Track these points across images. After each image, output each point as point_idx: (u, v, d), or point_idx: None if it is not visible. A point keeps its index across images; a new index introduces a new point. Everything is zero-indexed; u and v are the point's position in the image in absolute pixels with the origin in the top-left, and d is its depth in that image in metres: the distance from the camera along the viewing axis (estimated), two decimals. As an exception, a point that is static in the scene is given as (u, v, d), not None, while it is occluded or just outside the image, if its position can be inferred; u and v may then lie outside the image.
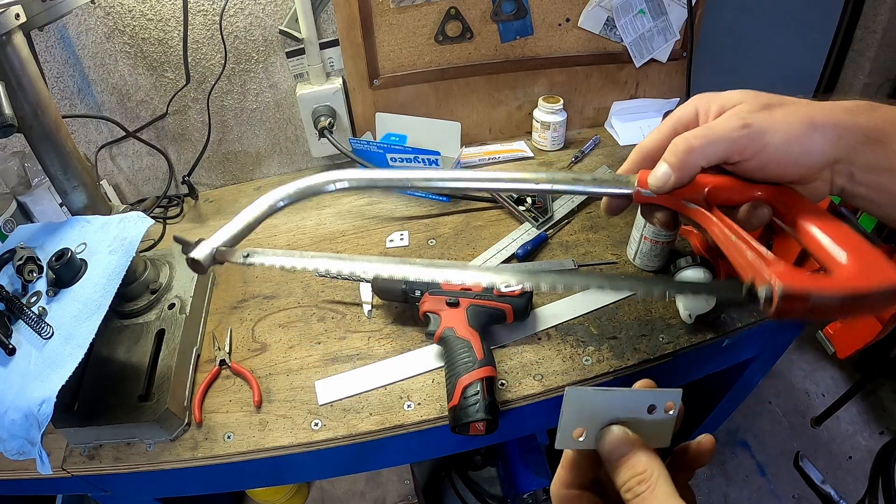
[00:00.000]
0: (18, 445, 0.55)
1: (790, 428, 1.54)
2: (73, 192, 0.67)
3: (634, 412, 0.32)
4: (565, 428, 0.31)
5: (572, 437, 0.32)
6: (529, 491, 1.16)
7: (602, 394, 0.31)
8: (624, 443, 0.31)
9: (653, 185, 0.34)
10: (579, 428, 0.32)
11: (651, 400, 0.31)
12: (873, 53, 1.22)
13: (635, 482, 0.30)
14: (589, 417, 0.32)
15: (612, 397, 0.31)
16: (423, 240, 0.88)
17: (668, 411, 0.32)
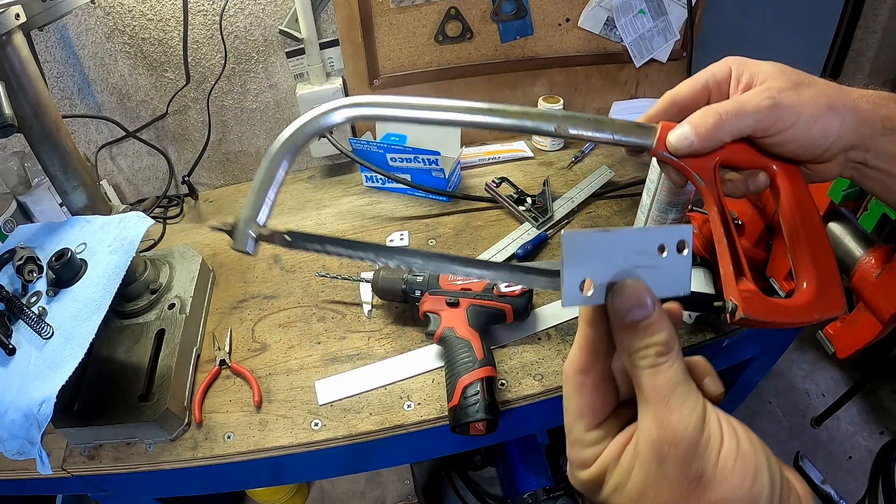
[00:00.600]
0: (18, 445, 0.55)
1: (790, 428, 1.54)
2: (73, 192, 0.67)
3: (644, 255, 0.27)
4: (570, 279, 0.26)
5: (579, 292, 0.27)
6: (529, 491, 1.16)
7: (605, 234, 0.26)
8: (642, 301, 0.27)
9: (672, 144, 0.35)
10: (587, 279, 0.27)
11: (660, 239, 0.27)
12: (873, 53, 1.22)
13: (653, 352, 0.27)
14: (594, 265, 0.27)
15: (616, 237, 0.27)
16: (423, 240, 0.88)
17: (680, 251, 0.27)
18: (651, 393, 0.27)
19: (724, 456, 0.25)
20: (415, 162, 0.92)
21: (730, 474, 0.25)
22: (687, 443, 0.25)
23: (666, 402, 0.26)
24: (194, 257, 0.81)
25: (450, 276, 0.70)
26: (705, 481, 0.25)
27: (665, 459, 0.26)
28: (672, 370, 0.27)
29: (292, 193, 1.03)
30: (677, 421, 0.26)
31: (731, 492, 0.25)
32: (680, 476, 0.25)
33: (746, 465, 0.25)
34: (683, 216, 0.72)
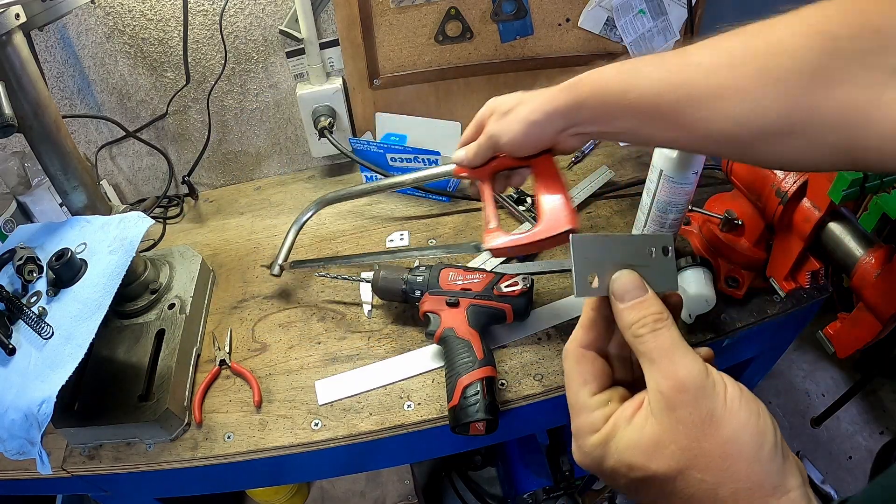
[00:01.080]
0: (18, 445, 0.55)
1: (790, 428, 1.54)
2: (73, 192, 0.67)
3: (637, 256, 0.33)
4: (579, 274, 0.32)
5: (588, 285, 0.32)
6: (529, 491, 1.16)
7: (605, 239, 0.33)
8: (638, 284, 0.32)
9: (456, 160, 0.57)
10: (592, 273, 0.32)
11: (649, 243, 0.33)
12: (873, 53, 1.22)
13: (651, 318, 0.30)
14: (597, 262, 0.33)
15: (613, 241, 0.33)
16: (423, 240, 0.88)
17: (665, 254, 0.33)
18: (655, 352, 0.29)
19: (730, 396, 0.28)
20: (415, 162, 0.92)
21: (737, 411, 0.27)
22: (695, 386, 0.28)
23: (670, 357, 0.29)
24: (194, 257, 0.81)
25: (450, 277, 0.70)
26: (717, 419, 0.27)
27: (676, 406, 0.28)
28: (671, 331, 0.30)
29: (292, 193, 1.03)
30: (683, 368, 0.28)
31: (741, 426, 0.27)
32: (693, 417, 0.27)
33: (751, 404, 0.28)
34: (683, 216, 0.72)
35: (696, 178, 0.67)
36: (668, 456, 0.28)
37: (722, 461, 0.27)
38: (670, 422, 0.28)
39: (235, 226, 0.97)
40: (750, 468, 0.27)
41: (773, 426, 0.28)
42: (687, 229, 0.81)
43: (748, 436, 0.27)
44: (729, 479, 0.27)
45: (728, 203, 0.75)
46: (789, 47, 0.35)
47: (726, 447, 0.27)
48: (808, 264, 0.65)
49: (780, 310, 0.72)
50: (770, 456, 0.27)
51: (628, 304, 0.31)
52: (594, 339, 0.34)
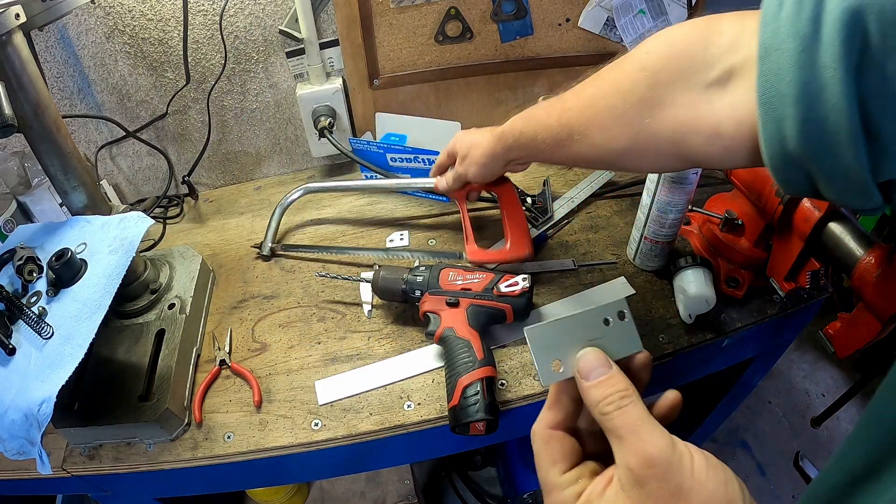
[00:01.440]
0: (18, 445, 0.55)
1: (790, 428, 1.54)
2: (73, 192, 0.67)
3: (595, 329, 0.34)
4: (541, 364, 0.33)
5: (551, 372, 0.33)
6: (529, 491, 1.16)
7: (558, 323, 0.34)
8: (602, 362, 0.33)
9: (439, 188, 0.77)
10: (555, 360, 0.33)
11: (602, 314, 0.34)
12: (873, 53, 1.22)
13: (618, 396, 0.31)
14: (556, 348, 0.34)
15: (568, 323, 0.34)
16: (424, 240, 0.88)
17: (622, 319, 0.34)
18: (623, 429, 0.30)
19: (697, 468, 0.29)
20: (415, 162, 0.92)
21: (705, 481, 0.28)
22: (662, 462, 0.28)
23: (637, 433, 0.30)
24: (194, 257, 0.81)
25: (450, 277, 0.70)
26: (685, 491, 0.28)
27: (646, 481, 0.29)
28: (637, 407, 0.31)
29: (292, 193, 1.03)
30: (651, 445, 0.29)
31: (709, 495, 0.28)
32: (661, 491, 0.28)
33: (718, 473, 0.29)
34: (683, 216, 0.72)
35: (696, 178, 0.67)
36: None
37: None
38: (640, 497, 0.29)
39: (235, 226, 0.97)
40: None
41: (741, 491, 0.29)
42: (687, 229, 0.81)
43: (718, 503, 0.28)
44: None
45: (728, 203, 0.75)
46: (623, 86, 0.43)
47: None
48: (808, 264, 0.65)
49: (780, 310, 0.72)
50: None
51: (593, 382, 0.32)
52: (562, 419, 0.35)
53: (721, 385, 1.05)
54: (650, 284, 0.77)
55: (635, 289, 0.76)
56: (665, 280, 0.76)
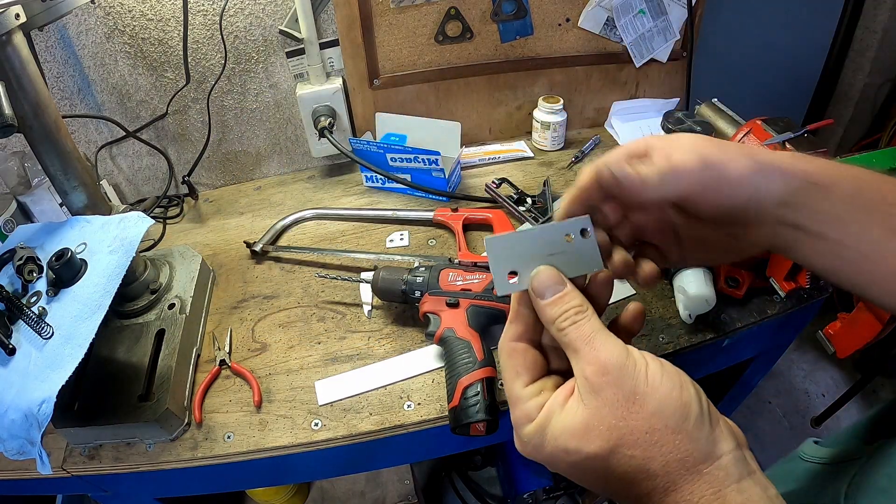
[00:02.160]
0: (18, 445, 0.55)
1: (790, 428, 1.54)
2: (73, 192, 0.67)
3: (555, 245, 0.33)
4: (497, 273, 0.33)
5: (507, 282, 0.33)
6: (529, 491, 1.16)
7: (519, 234, 0.34)
8: (556, 280, 0.33)
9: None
10: (511, 270, 0.33)
11: (564, 230, 0.33)
12: (873, 53, 1.22)
13: (573, 311, 0.32)
14: (516, 259, 0.33)
15: (528, 235, 0.34)
16: (424, 240, 0.88)
17: (584, 236, 0.34)
18: (577, 342, 0.31)
19: (651, 373, 0.30)
20: (415, 162, 0.92)
21: (659, 385, 0.29)
22: (616, 367, 0.29)
23: (591, 344, 0.31)
24: (194, 257, 0.81)
25: (450, 277, 0.70)
26: (640, 396, 0.29)
27: (601, 388, 0.29)
28: (591, 321, 0.32)
29: (292, 193, 1.03)
30: (603, 352, 0.30)
31: (663, 399, 0.29)
32: (616, 397, 0.29)
33: (672, 378, 0.30)
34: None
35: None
36: (598, 437, 0.29)
37: (648, 436, 0.28)
38: (597, 404, 0.29)
39: (235, 226, 0.97)
40: (677, 439, 0.28)
41: (698, 396, 0.29)
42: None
43: (671, 408, 0.28)
44: (657, 452, 0.28)
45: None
46: None
47: (651, 421, 0.28)
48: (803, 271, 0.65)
49: (780, 310, 0.72)
50: (696, 425, 0.28)
51: (548, 300, 0.33)
52: (523, 331, 0.35)
53: (721, 385, 1.05)
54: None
55: (635, 289, 0.76)
56: (665, 280, 0.76)
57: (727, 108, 0.77)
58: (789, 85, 1.35)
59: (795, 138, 0.63)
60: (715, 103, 0.79)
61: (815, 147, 0.62)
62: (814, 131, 0.65)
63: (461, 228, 0.85)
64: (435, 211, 0.89)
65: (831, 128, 1.39)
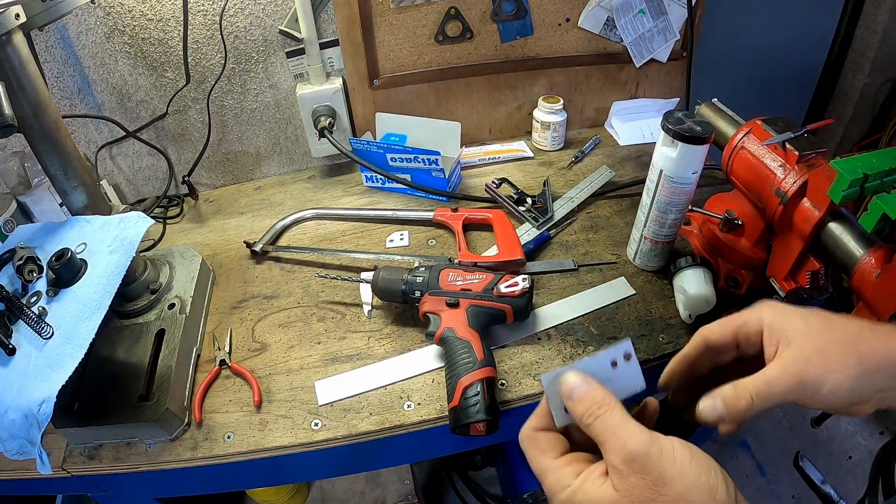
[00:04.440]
0: (18, 445, 0.55)
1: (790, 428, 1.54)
2: (73, 192, 0.67)
3: (603, 371, 0.36)
4: (555, 407, 0.36)
5: (564, 414, 0.36)
6: (529, 491, 1.16)
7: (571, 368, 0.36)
8: (581, 382, 0.35)
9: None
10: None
11: (610, 357, 0.36)
12: (873, 53, 1.22)
13: (595, 406, 0.33)
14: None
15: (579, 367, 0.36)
16: (424, 240, 0.88)
17: (628, 360, 0.36)
18: (604, 433, 0.32)
19: (679, 458, 0.30)
20: (415, 162, 0.92)
21: (687, 470, 0.30)
22: (641, 455, 0.30)
23: (617, 434, 0.32)
24: (194, 257, 0.81)
25: (450, 277, 0.70)
26: (668, 479, 0.29)
27: (628, 475, 0.30)
28: (615, 412, 0.33)
29: (292, 193, 1.03)
30: (629, 441, 0.31)
31: (691, 484, 0.29)
32: (644, 483, 0.30)
33: (701, 463, 0.30)
34: (683, 216, 0.72)
35: (696, 178, 0.67)
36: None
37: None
38: (625, 487, 0.30)
39: (235, 226, 0.97)
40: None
41: (725, 481, 0.30)
42: (687, 229, 0.81)
43: (699, 493, 0.29)
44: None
45: (728, 203, 0.75)
46: None
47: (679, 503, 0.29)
48: (808, 264, 0.65)
49: (780, 310, 0.72)
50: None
51: (575, 399, 0.34)
52: (546, 423, 0.37)
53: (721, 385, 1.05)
54: (650, 284, 0.77)
55: (635, 289, 0.76)
56: (665, 280, 0.76)
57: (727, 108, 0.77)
58: (789, 85, 1.35)
59: (795, 138, 0.63)
60: (715, 103, 0.79)
61: (815, 147, 0.62)
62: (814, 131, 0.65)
63: (461, 228, 0.85)
64: (435, 211, 0.89)
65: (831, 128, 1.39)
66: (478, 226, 0.89)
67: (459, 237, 0.83)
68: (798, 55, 1.28)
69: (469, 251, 0.82)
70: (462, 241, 0.83)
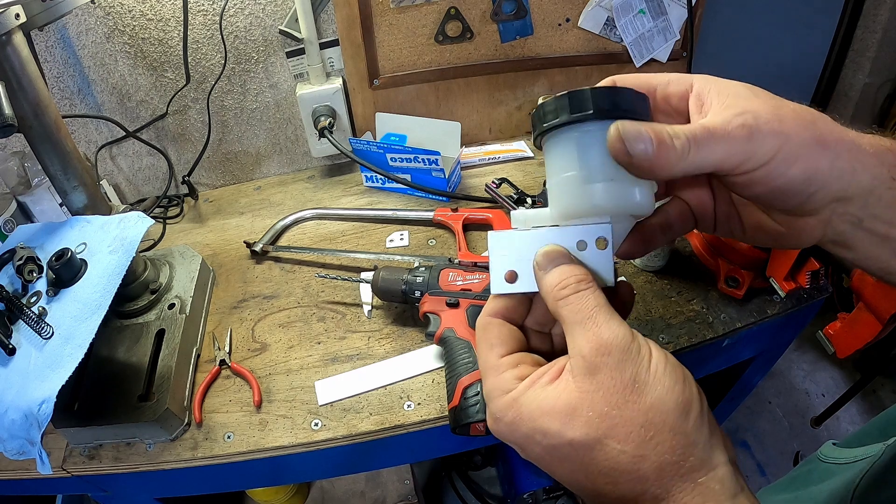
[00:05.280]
0: (18, 445, 0.55)
1: (790, 428, 1.54)
2: (73, 192, 0.67)
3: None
4: (495, 271, 0.31)
5: (505, 282, 0.31)
6: (529, 491, 1.16)
7: (526, 234, 0.30)
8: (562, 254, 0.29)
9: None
10: (510, 270, 0.31)
11: (579, 236, 0.30)
12: (873, 53, 1.22)
13: (574, 280, 0.28)
14: (518, 259, 0.30)
15: (536, 236, 0.30)
16: (424, 240, 0.88)
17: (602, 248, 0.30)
18: (579, 314, 0.27)
19: (655, 361, 0.26)
20: (415, 162, 0.92)
21: (662, 377, 0.25)
22: (619, 349, 0.26)
23: (594, 319, 0.27)
24: (194, 257, 0.81)
25: (450, 277, 0.70)
26: (640, 384, 0.25)
27: (598, 368, 0.26)
28: (595, 294, 0.28)
29: (292, 193, 1.03)
30: (607, 331, 0.26)
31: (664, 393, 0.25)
32: (614, 382, 0.26)
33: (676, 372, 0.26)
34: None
35: (696, 178, 0.67)
36: (585, 423, 0.26)
37: (644, 431, 0.25)
38: (590, 386, 0.26)
39: (235, 226, 0.97)
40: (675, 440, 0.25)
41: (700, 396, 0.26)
42: (687, 229, 0.81)
43: (673, 403, 0.25)
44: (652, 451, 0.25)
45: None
46: None
47: (649, 415, 0.25)
48: (808, 264, 0.65)
49: (780, 310, 0.72)
50: (696, 426, 0.25)
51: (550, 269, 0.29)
52: (503, 308, 0.32)
53: (721, 385, 1.05)
54: (650, 284, 0.77)
55: (635, 289, 0.76)
56: (665, 280, 0.76)
57: (727, 108, 0.78)
58: (789, 85, 1.35)
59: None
60: (715, 103, 0.79)
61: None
62: (814, 131, 0.65)
63: (461, 228, 0.85)
64: (435, 211, 0.89)
65: (831, 128, 1.39)
66: (478, 226, 0.89)
67: (459, 237, 0.83)
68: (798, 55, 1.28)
69: (469, 251, 0.82)
70: (462, 241, 0.83)
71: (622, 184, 0.28)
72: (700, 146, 0.27)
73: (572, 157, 0.29)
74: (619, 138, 0.27)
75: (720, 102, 0.29)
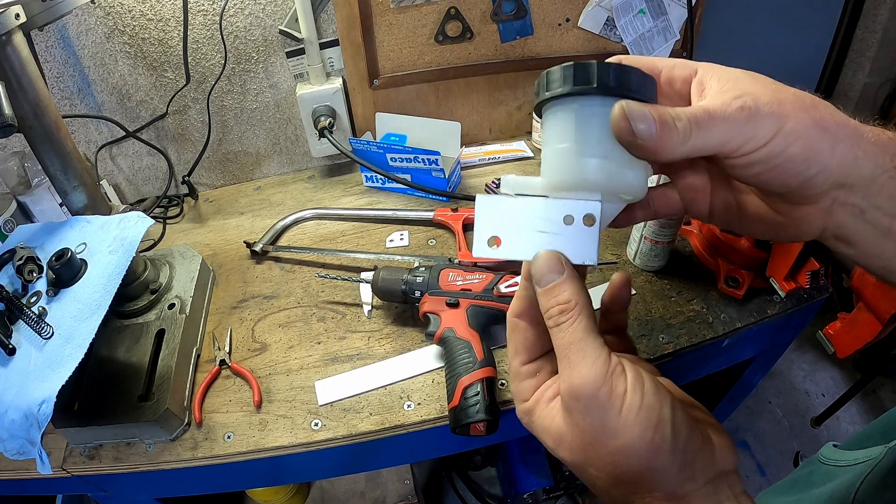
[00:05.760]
0: (18, 445, 0.55)
1: (790, 428, 1.54)
2: (73, 192, 0.67)
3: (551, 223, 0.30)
4: (479, 234, 0.31)
5: (487, 247, 0.31)
6: (529, 491, 1.16)
7: (514, 201, 0.30)
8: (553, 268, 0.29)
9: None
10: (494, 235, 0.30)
11: (566, 210, 0.30)
12: (873, 53, 1.22)
13: (556, 311, 0.29)
14: (503, 225, 0.30)
15: (525, 204, 0.30)
16: (424, 240, 0.88)
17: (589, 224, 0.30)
18: (559, 350, 0.29)
19: (626, 408, 0.27)
20: (415, 162, 0.92)
21: (632, 425, 0.27)
22: (586, 397, 0.28)
23: (567, 360, 0.28)
24: (194, 257, 0.81)
25: (450, 277, 0.70)
26: (608, 430, 0.27)
27: (571, 411, 0.29)
28: (572, 328, 0.29)
29: (292, 193, 1.03)
30: (576, 377, 0.28)
31: (632, 440, 0.27)
32: (584, 426, 0.28)
33: (649, 417, 0.27)
34: (683, 216, 0.72)
35: (696, 178, 0.67)
36: (569, 449, 0.30)
37: (612, 468, 0.28)
38: (568, 423, 0.29)
39: (235, 226, 0.97)
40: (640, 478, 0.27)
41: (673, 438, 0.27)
42: (687, 229, 0.81)
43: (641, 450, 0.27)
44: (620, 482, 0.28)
45: (728, 203, 0.75)
46: None
47: (616, 458, 0.27)
48: (808, 264, 0.65)
49: (780, 310, 0.72)
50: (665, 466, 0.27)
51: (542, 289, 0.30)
52: (526, 307, 0.33)
53: (721, 385, 1.05)
54: (650, 284, 0.77)
55: (635, 289, 0.76)
56: (665, 280, 0.76)
57: (727, 108, 0.78)
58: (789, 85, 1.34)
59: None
60: (715, 103, 0.79)
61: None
62: (814, 131, 0.65)
63: (461, 228, 0.85)
64: (435, 211, 0.89)
65: (831, 128, 1.39)
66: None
67: (459, 237, 0.83)
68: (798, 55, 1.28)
69: (469, 251, 0.82)
70: (462, 241, 0.83)
71: (617, 163, 0.28)
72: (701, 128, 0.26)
73: (570, 128, 0.29)
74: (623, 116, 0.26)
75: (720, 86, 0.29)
